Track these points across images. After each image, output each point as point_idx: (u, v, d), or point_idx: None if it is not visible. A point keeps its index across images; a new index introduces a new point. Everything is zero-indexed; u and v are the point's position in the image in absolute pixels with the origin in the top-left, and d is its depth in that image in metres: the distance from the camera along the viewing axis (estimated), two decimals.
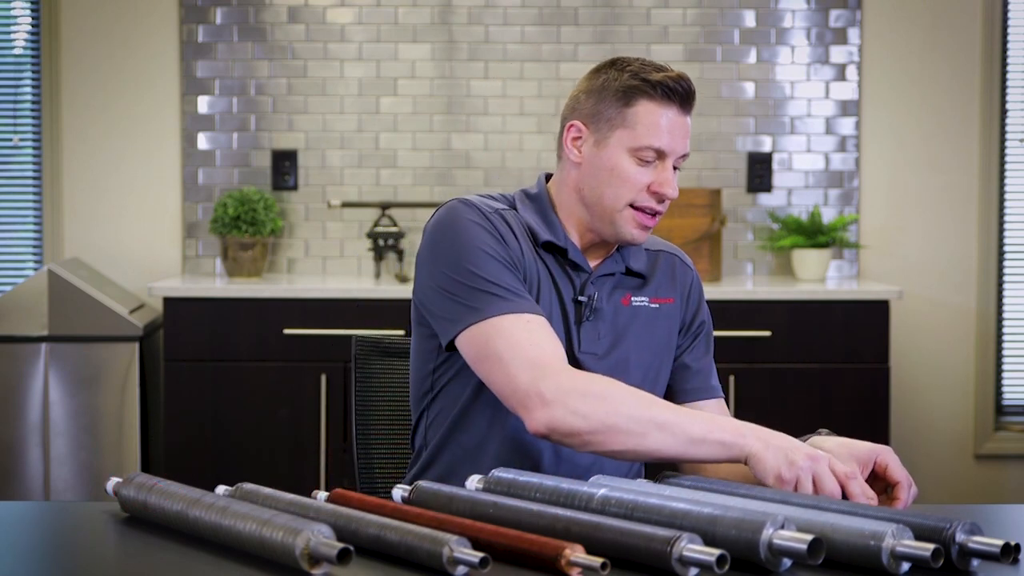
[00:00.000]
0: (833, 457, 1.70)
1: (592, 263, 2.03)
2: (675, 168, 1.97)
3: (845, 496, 1.66)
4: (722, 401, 2.11)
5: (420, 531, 1.41)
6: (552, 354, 1.85)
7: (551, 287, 1.99)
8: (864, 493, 1.67)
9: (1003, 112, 4.39)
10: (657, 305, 2.05)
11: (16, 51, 4.38)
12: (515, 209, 2.02)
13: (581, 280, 2.00)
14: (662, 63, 1.97)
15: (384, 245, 4.21)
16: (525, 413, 1.82)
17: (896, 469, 1.75)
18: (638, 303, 2.04)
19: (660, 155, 1.94)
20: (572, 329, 1.99)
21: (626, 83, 1.94)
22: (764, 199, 4.38)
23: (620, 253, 2.04)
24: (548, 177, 2.08)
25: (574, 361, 1.96)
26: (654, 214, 1.96)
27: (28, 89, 4.37)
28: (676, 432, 1.76)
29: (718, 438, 1.74)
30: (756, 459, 1.71)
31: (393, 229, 4.22)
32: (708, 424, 1.76)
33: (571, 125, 1.99)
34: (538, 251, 1.99)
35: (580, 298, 1.99)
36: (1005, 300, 4.43)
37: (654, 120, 1.93)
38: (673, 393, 2.08)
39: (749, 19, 4.36)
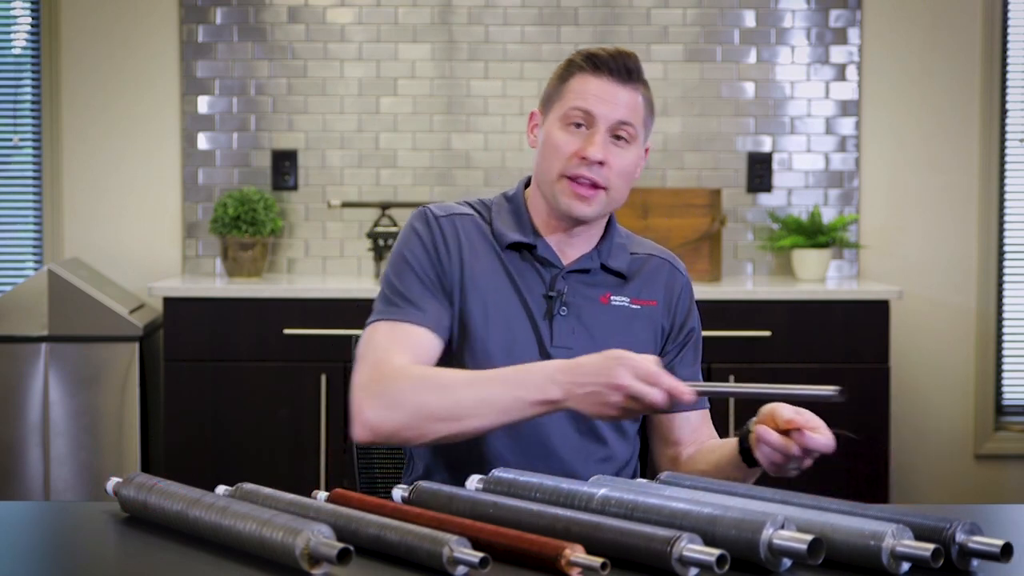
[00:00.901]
0: (632, 359, 1.71)
1: (568, 259, 2.03)
2: (620, 138, 1.97)
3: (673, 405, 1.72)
4: (706, 413, 2.10)
5: (420, 531, 1.41)
6: (398, 359, 1.88)
7: (510, 286, 2.00)
8: (676, 386, 1.70)
9: (1003, 112, 4.39)
10: (638, 306, 2.04)
11: (16, 51, 4.38)
12: (482, 215, 2.04)
13: (552, 275, 2.01)
14: (616, 46, 2.01)
15: (384, 245, 4.21)
16: (351, 423, 1.87)
17: (802, 415, 1.77)
18: (618, 303, 2.03)
19: (589, 119, 1.96)
20: (541, 324, 1.99)
21: (566, 62, 2.01)
22: (764, 199, 4.38)
23: (597, 250, 2.04)
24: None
25: (545, 356, 1.97)
26: (593, 185, 1.96)
27: (28, 89, 4.37)
28: (487, 409, 1.79)
29: (529, 399, 1.77)
30: (573, 410, 1.76)
31: (393, 229, 4.22)
32: (515, 389, 1.78)
33: (532, 114, 2.06)
34: (501, 253, 2.01)
35: (550, 293, 2.00)
36: (1005, 300, 4.43)
37: (582, 87, 1.97)
38: None
39: (749, 19, 4.36)
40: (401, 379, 1.84)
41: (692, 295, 2.12)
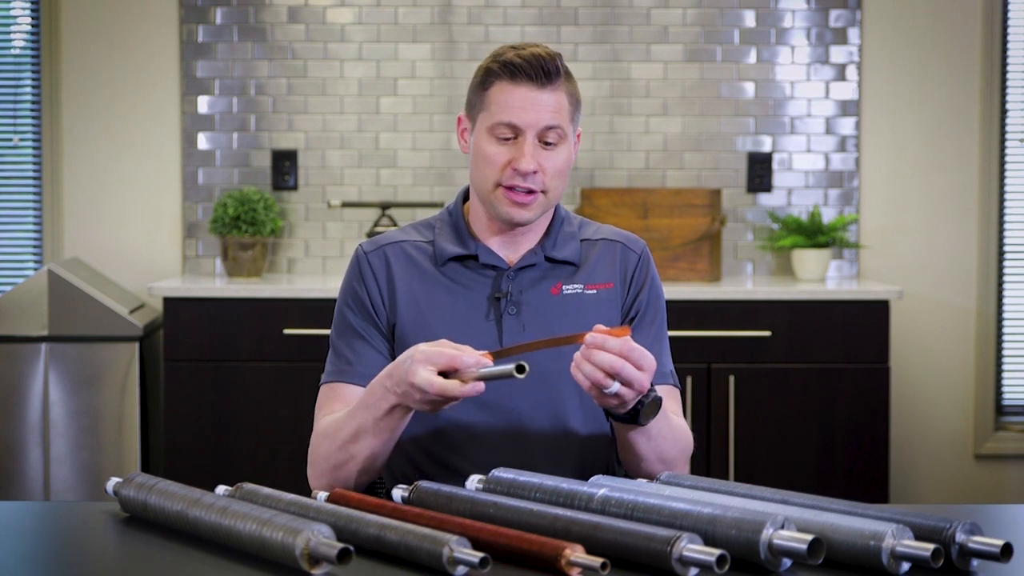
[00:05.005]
0: (423, 350, 1.75)
1: (515, 257, 2.05)
2: (550, 143, 1.98)
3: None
4: (674, 391, 2.05)
5: (420, 531, 1.41)
6: (318, 425, 1.98)
7: (452, 300, 2.02)
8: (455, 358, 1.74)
9: (1003, 112, 4.39)
10: (594, 291, 2.06)
11: (16, 51, 4.38)
12: (425, 236, 2.09)
13: (497, 277, 2.04)
14: (535, 44, 2.00)
15: None
16: None
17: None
18: (570, 291, 2.05)
19: (516, 130, 1.97)
20: (491, 328, 2.01)
21: (484, 67, 2.01)
22: (764, 199, 4.38)
23: (541, 245, 2.06)
24: None
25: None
26: (529, 191, 1.98)
27: (28, 89, 4.37)
28: (363, 435, 1.86)
29: (380, 415, 1.83)
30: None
31: (393, 230, 4.22)
32: (370, 410, 1.84)
33: (459, 119, 2.08)
34: (442, 269, 2.04)
35: (496, 295, 2.02)
36: (1005, 300, 4.43)
37: (504, 98, 1.97)
38: None
39: (749, 19, 4.36)
40: (313, 441, 1.97)
41: (649, 269, 2.10)
